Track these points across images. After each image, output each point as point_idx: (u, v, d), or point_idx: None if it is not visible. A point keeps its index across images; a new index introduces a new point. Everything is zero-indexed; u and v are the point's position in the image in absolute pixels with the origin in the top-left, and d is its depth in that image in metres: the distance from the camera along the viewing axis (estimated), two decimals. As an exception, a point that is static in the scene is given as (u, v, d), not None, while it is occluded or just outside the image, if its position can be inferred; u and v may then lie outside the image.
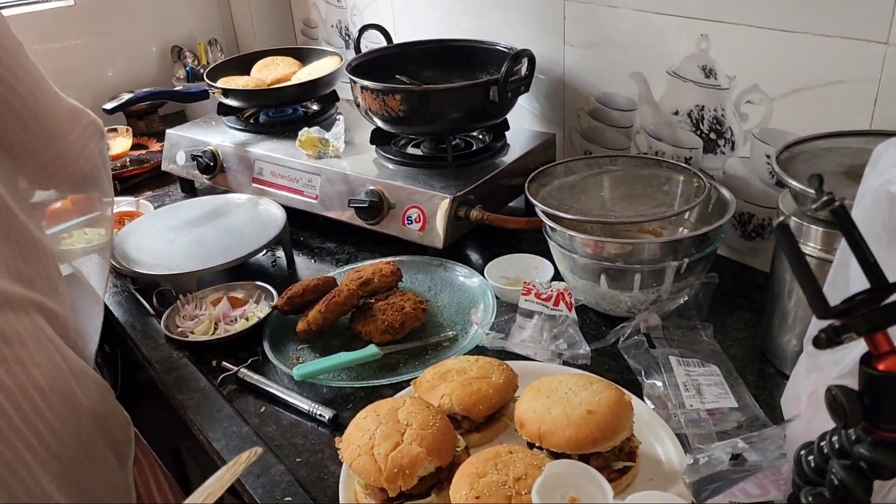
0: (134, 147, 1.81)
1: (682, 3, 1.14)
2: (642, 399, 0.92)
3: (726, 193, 1.09)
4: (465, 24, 1.53)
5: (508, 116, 1.40)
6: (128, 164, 1.75)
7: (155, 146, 1.84)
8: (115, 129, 1.77)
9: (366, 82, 1.28)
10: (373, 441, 0.79)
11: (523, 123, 1.48)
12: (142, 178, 1.72)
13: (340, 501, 0.81)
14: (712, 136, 1.18)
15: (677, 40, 1.17)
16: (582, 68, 1.35)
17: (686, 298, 1.06)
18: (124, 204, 1.55)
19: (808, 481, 0.63)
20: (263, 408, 0.99)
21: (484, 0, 1.47)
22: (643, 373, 0.95)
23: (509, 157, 1.36)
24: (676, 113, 1.22)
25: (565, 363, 0.99)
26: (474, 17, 1.51)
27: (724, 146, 1.17)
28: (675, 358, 0.96)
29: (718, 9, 1.10)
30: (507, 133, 1.41)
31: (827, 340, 0.51)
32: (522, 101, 1.45)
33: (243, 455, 0.73)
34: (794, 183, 0.85)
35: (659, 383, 0.92)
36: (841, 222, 0.54)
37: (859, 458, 0.52)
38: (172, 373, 1.06)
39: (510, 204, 1.38)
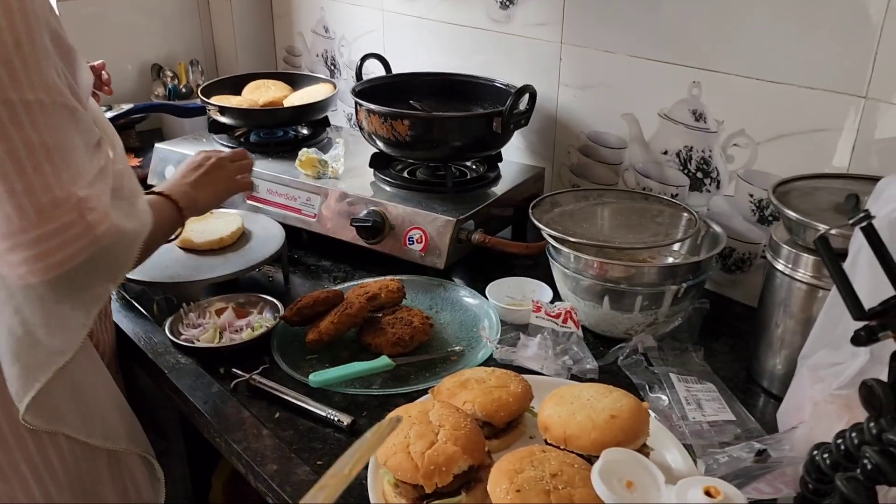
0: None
1: (677, 52, 1.24)
2: (647, 412, 0.98)
3: (716, 227, 1.18)
4: (453, 62, 1.60)
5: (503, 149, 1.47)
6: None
7: (133, 161, 1.83)
8: (96, 142, 1.76)
9: (374, 106, 1.33)
10: (408, 440, 0.82)
11: (514, 156, 1.55)
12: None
13: (371, 501, 0.83)
14: (699, 175, 1.28)
15: (670, 85, 1.27)
16: (575, 107, 1.43)
17: (680, 321, 1.13)
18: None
19: (820, 479, 0.69)
20: (278, 413, 1.00)
21: (477, 40, 1.55)
22: (647, 388, 1.01)
23: (502, 188, 1.42)
24: (665, 152, 1.31)
25: (573, 377, 1.05)
26: (463, 56, 1.59)
27: (710, 185, 1.27)
28: (675, 375, 1.03)
29: (711, 59, 1.20)
30: (499, 164, 1.48)
31: (866, 338, 0.58)
32: (517, 134, 1.52)
33: (384, 422, 0.72)
34: (792, 214, 0.94)
35: (664, 398, 0.99)
36: (870, 238, 0.62)
37: (889, 444, 0.59)
38: (183, 378, 1.06)
39: (499, 232, 1.44)
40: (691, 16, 1.20)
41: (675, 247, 1.23)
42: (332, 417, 0.98)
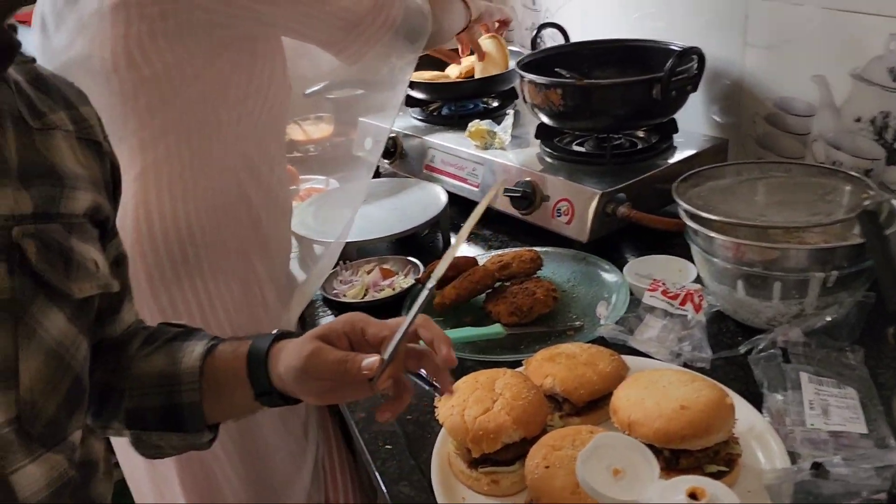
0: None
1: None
2: (761, 412, 0.86)
3: (898, 207, 0.99)
4: (650, 25, 1.51)
5: (683, 119, 1.36)
6: (328, 147, 1.94)
7: (354, 133, 2.02)
8: (320, 117, 1.97)
9: (530, 76, 1.32)
10: (466, 404, 0.83)
11: (696, 126, 1.43)
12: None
13: (434, 456, 0.86)
14: (897, 146, 1.07)
15: (864, 40, 1.07)
16: (761, 70, 1.28)
17: (835, 315, 0.97)
18: (315, 182, 1.73)
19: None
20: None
21: (666, 2, 1.44)
22: (766, 385, 0.89)
23: (674, 159, 1.33)
24: (858, 120, 1.12)
25: (685, 365, 0.96)
26: (657, 19, 1.49)
27: (910, 158, 1.06)
28: (807, 374, 0.89)
29: (912, 5, 1.00)
30: (675, 135, 1.38)
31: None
32: (699, 103, 1.41)
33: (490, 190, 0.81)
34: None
35: (780, 397, 0.86)
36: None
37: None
38: (315, 327, 1.17)
39: (668, 207, 1.35)
40: (891, -46, 1.01)
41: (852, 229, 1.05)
42: (432, 377, 1.01)
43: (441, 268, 0.76)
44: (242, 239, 1.13)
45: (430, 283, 0.75)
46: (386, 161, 1.67)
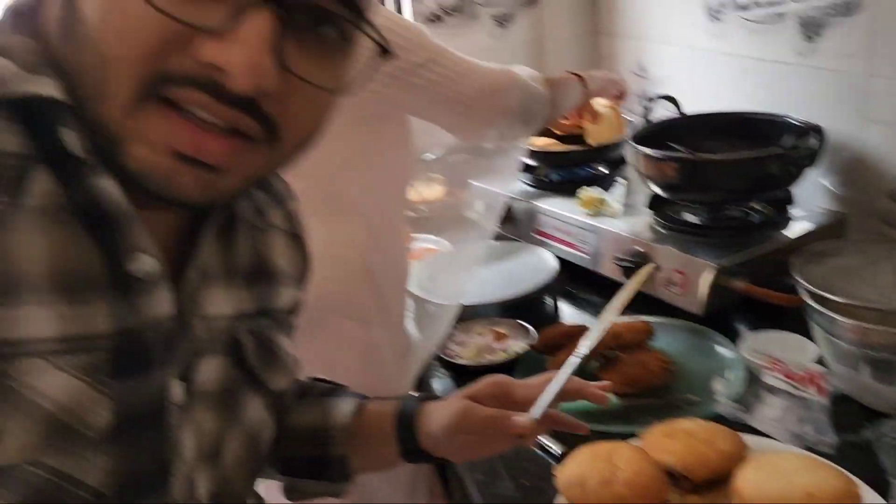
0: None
1: None
2: (888, 501, 0.85)
3: None
4: (764, 96, 1.52)
5: (800, 192, 1.36)
6: (440, 207, 2.02)
7: (462, 195, 2.09)
8: (433, 177, 2.05)
9: (643, 149, 1.35)
10: (585, 474, 0.85)
11: (814, 200, 1.42)
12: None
13: (549, 526, 0.88)
14: None
15: None
16: (884, 146, 1.27)
17: (969, 405, 0.94)
18: (427, 241, 1.80)
19: None
20: (503, 431, 1.10)
21: (779, 75, 1.45)
22: (894, 473, 0.87)
23: (790, 233, 1.32)
24: None
25: (807, 448, 0.95)
26: (771, 90, 1.50)
27: None
28: (939, 466, 0.87)
29: None
30: (792, 208, 1.37)
31: None
32: (817, 176, 1.40)
33: (642, 270, 0.90)
34: None
35: (910, 488, 0.84)
36: None
37: None
38: (429, 386, 1.22)
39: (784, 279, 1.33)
40: None
41: None
42: (546, 444, 1.04)
43: (593, 340, 0.93)
44: (363, 305, 1.19)
45: (584, 351, 0.91)
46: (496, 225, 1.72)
